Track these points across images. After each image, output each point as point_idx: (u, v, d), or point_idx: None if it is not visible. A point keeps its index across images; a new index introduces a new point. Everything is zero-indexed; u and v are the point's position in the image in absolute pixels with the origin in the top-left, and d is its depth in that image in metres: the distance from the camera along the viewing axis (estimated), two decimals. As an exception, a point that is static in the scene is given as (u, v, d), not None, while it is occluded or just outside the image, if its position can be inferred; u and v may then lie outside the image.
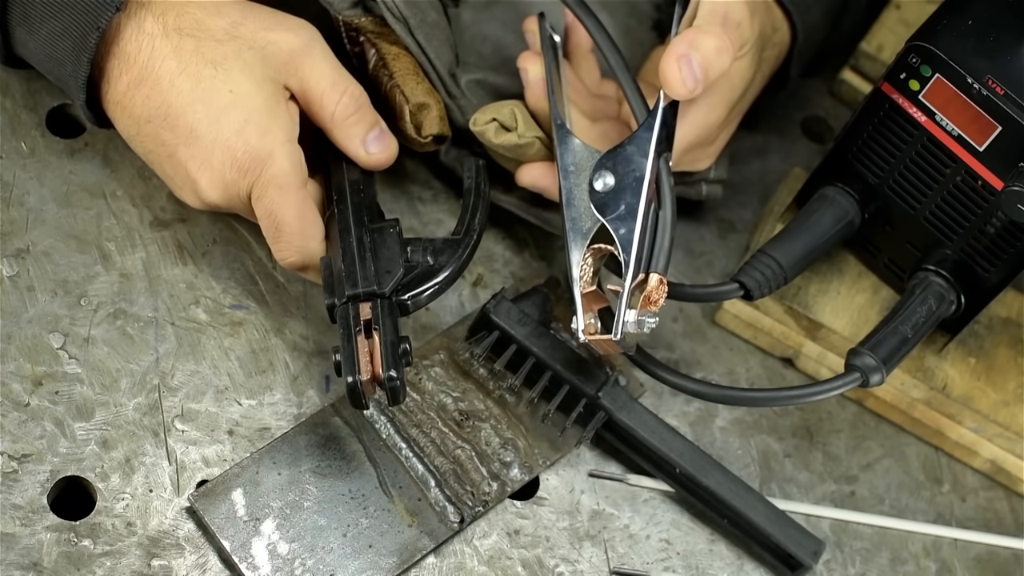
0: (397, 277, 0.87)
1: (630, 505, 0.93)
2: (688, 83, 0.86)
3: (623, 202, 0.86)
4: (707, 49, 0.86)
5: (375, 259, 0.87)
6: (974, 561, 0.97)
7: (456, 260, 0.88)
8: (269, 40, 0.88)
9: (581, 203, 0.88)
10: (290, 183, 0.87)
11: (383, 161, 0.92)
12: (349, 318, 0.85)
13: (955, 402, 0.98)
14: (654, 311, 0.84)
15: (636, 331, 0.84)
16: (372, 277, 0.86)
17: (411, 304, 0.87)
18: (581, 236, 0.87)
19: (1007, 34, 0.86)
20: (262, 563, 0.85)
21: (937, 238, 0.93)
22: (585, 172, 0.88)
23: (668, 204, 0.87)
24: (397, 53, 0.94)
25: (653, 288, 0.84)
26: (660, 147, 0.88)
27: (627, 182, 0.87)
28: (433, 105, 0.94)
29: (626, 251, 0.85)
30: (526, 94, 0.94)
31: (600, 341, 0.85)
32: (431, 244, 0.89)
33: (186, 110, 0.86)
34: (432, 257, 0.88)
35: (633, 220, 0.86)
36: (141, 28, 0.86)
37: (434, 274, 0.88)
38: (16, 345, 0.89)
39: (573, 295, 0.86)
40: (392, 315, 0.85)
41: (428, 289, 0.87)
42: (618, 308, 0.84)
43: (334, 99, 0.89)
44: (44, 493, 0.85)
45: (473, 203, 0.91)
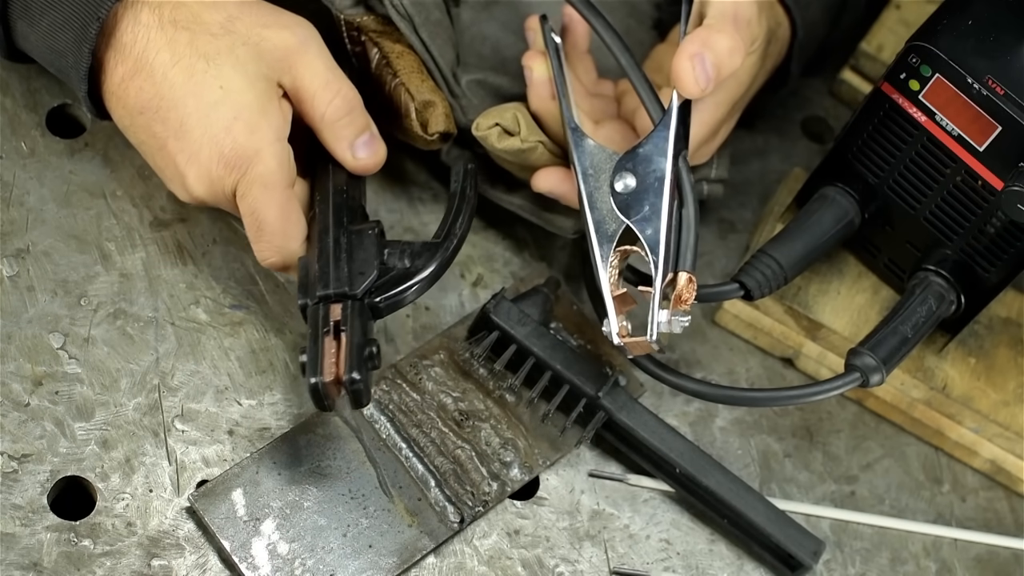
0: (371, 279, 0.86)
1: (630, 505, 0.93)
2: (701, 82, 0.86)
3: (646, 203, 0.86)
4: (720, 48, 0.86)
5: (350, 261, 0.86)
6: (974, 561, 0.97)
7: (433, 263, 0.87)
8: (264, 36, 0.88)
9: (604, 206, 0.88)
10: (275, 182, 0.86)
11: (369, 167, 0.91)
12: (318, 318, 0.84)
13: (955, 402, 0.98)
14: (686, 309, 0.84)
15: (669, 331, 0.84)
16: (344, 278, 0.85)
17: (384, 307, 0.86)
18: (607, 239, 0.87)
19: (1007, 34, 0.86)
20: (262, 563, 0.85)
21: (937, 238, 0.93)
22: (604, 174, 0.88)
23: (690, 202, 0.87)
24: (401, 51, 0.94)
25: (683, 287, 0.85)
26: (678, 146, 0.88)
27: (648, 182, 0.87)
28: (438, 103, 0.93)
29: (654, 252, 0.85)
30: (529, 94, 0.94)
31: (634, 343, 0.85)
32: (409, 247, 0.87)
33: (177, 103, 0.86)
34: (409, 260, 0.87)
35: (658, 220, 0.86)
36: (137, 19, 0.86)
37: (409, 277, 0.86)
38: (16, 345, 0.89)
39: (603, 298, 0.86)
40: (362, 317, 0.84)
41: (402, 292, 0.86)
42: (651, 309, 0.84)
43: (326, 99, 0.89)
44: (44, 493, 0.85)
45: (457, 207, 0.90)
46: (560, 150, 0.93)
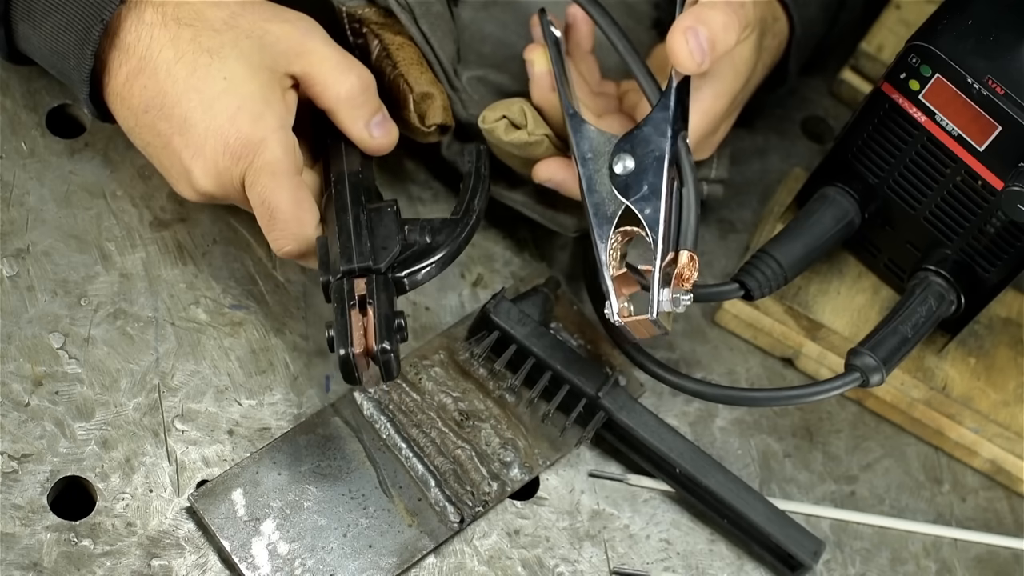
0: (393, 254, 0.86)
1: (630, 505, 0.93)
2: (696, 56, 0.86)
3: (645, 183, 0.86)
4: (714, 23, 0.86)
5: (372, 236, 0.86)
6: (974, 561, 0.97)
7: (454, 240, 0.87)
8: (267, 30, 0.88)
9: (603, 188, 0.88)
10: (283, 170, 0.86)
11: (385, 146, 0.92)
12: (344, 292, 0.84)
13: (955, 402, 0.98)
14: (687, 288, 0.84)
15: (671, 309, 0.84)
16: (368, 253, 0.85)
17: (407, 282, 0.86)
18: (606, 220, 0.87)
19: (1007, 34, 0.86)
20: (262, 563, 0.85)
21: (937, 238, 0.93)
22: (603, 158, 0.88)
23: (690, 181, 0.87)
24: (401, 43, 0.94)
25: (684, 265, 0.84)
26: (676, 125, 0.88)
27: (647, 163, 0.87)
28: (437, 95, 0.94)
29: (653, 230, 0.85)
30: (532, 89, 0.94)
31: (635, 323, 0.85)
32: (429, 224, 0.88)
33: (181, 99, 0.86)
34: (430, 236, 0.87)
35: (657, 199, 0.85)
36: (141, 19, 0.87)
37: (431, 252, 0.87)
38: (16, 345, 0.89)
39: (603, 279, 0.85)
40: (387, 290, 0.85)
41: (425, 267, 0.86)
42: (651, 287, 0.84)
43: (342, 81, 0.89)
44: (44, 493, 0.85)
45: (473, 185, 0.91)
46: (564, 144, 0.93)
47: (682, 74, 0.88)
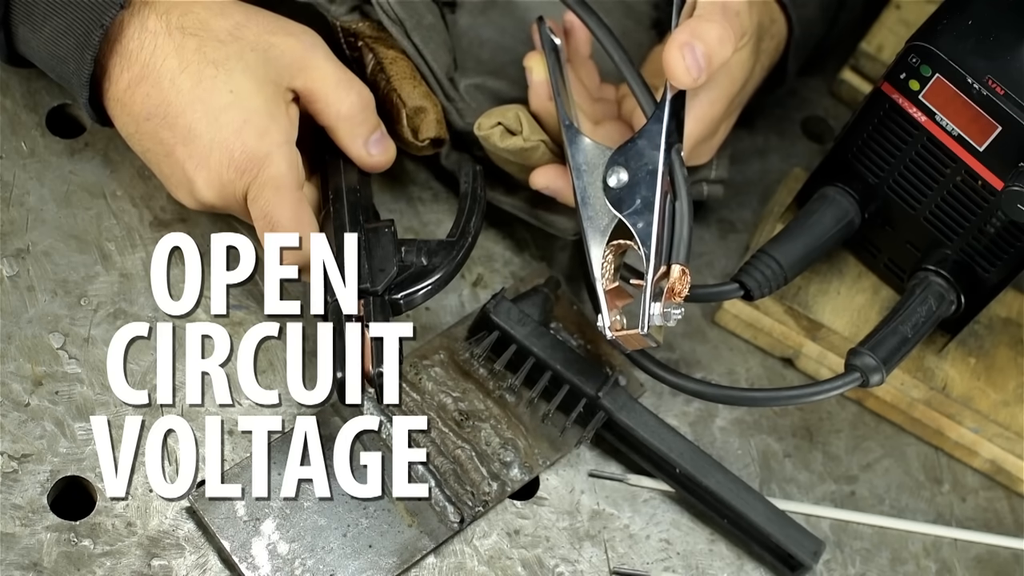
0: (391, 276, 0.87)
1: (630, 505, 0.93)
2: (692, 71, 0.86)
3: (638, 196, 0.86)
4: (710, 38, 0.86)
5: (369, 258, 0.88)
6: (974, 561, 0.97)
7: (450, 262, 0.89)
8: (272, 43, 0.88)
9: (597, 201, 0.88)
10: (286, 185, 0.87)
11: (382, 163, 0.93)
12: (341, 314, 0.85)
13: (955, 402, 0.98)
14: (679, 302, 0.85)
15: (663, 323, 0.84)
16: (366, 275, 0.87)
17: (404, 303, 0.87)
18: (600, 233, 0.87)
19: (1007, 34, 0.86)
20: (262, 563, 0.85)
21: (937, 238, 0.93)
22: (597, 170, 0.88)
23: (684, 195, 0.87)
24: (394, 57, 0.95)
25: (676, 279, 0.84)
26: (671, 139, 0.88)
27: (641, 176, 0.87)
28: (430, 109, 0.94)
29: (645, 244, 0.85)
30: (530, 96, 0.94)
31: (627, 336, 0.85)
32: (425, 245, 0.89)
33: (185, 109, 0.86)
34: (426, 258, 0.89)
35: (650, 213, 0.86)
36: (144, 26, 0.87)
37: (428, 275, 0.88)
38: (16, 345, 0.89)
39: (596, 292, 0.86)
40: (384, 313, 0.86)
41: (421, 289, 0.88)
42: (643, 301, 0.84)
43: (342, 98, 0.90)
44: (44, 493, 0.85)
45: (469, 207, 0.92)
46: (561, 149, 0.93)
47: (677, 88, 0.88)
